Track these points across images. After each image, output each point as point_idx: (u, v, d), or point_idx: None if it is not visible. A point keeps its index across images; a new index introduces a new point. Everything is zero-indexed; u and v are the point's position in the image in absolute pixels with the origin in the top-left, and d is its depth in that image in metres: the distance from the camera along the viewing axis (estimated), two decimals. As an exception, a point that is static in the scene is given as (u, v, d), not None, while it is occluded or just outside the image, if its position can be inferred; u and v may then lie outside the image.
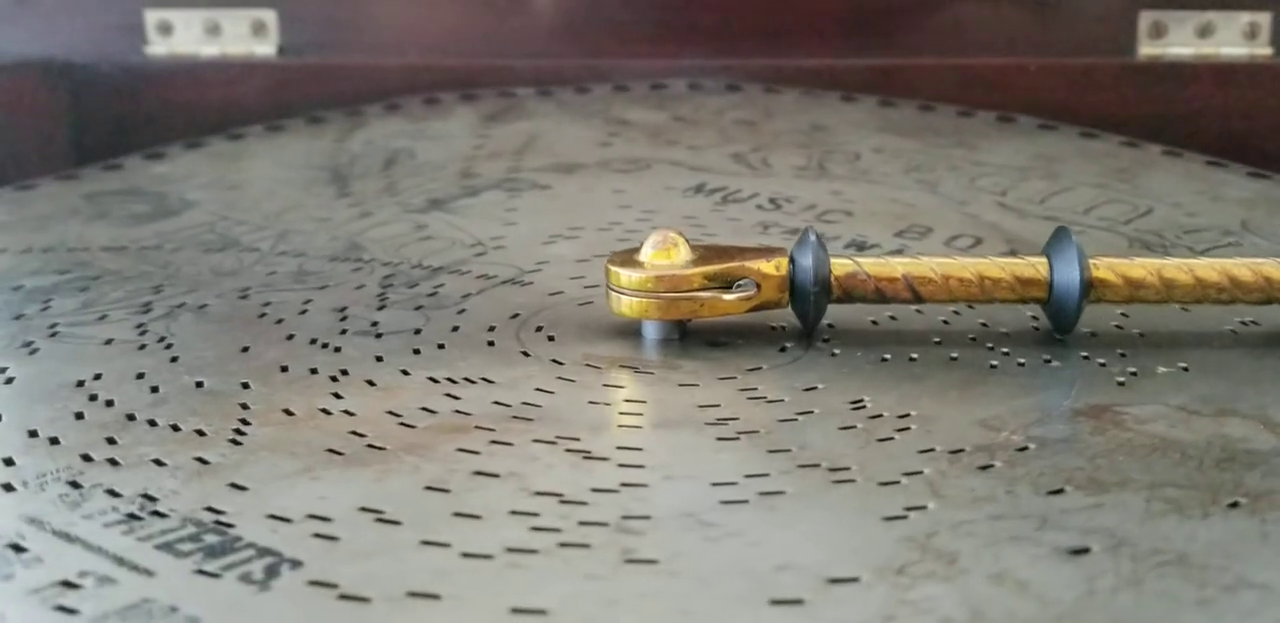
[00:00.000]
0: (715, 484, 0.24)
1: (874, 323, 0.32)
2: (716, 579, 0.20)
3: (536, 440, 0.26)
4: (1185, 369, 0.29)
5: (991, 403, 0.27)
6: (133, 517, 0.24)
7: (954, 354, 0.30)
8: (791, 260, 0.30)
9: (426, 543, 0.22)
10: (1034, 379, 0.28)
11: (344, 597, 0.20)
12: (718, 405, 0.27)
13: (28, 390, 0.30)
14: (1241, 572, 0.20)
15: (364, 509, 0.23)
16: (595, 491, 0.24)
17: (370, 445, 0.26)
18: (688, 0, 0.59)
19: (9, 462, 0.26)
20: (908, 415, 0.26)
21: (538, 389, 0.28)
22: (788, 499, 0.23)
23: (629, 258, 0.30)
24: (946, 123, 0.52)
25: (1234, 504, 0.22)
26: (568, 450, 0.25)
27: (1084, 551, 0.21)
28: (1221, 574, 0.20)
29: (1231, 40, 0.57)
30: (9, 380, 0.31)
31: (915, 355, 0.29)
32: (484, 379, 0.29)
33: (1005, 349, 0.30)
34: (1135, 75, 0.56)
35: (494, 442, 0.26)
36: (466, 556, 0.21)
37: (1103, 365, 0.29)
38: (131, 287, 0.38)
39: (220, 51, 0.59)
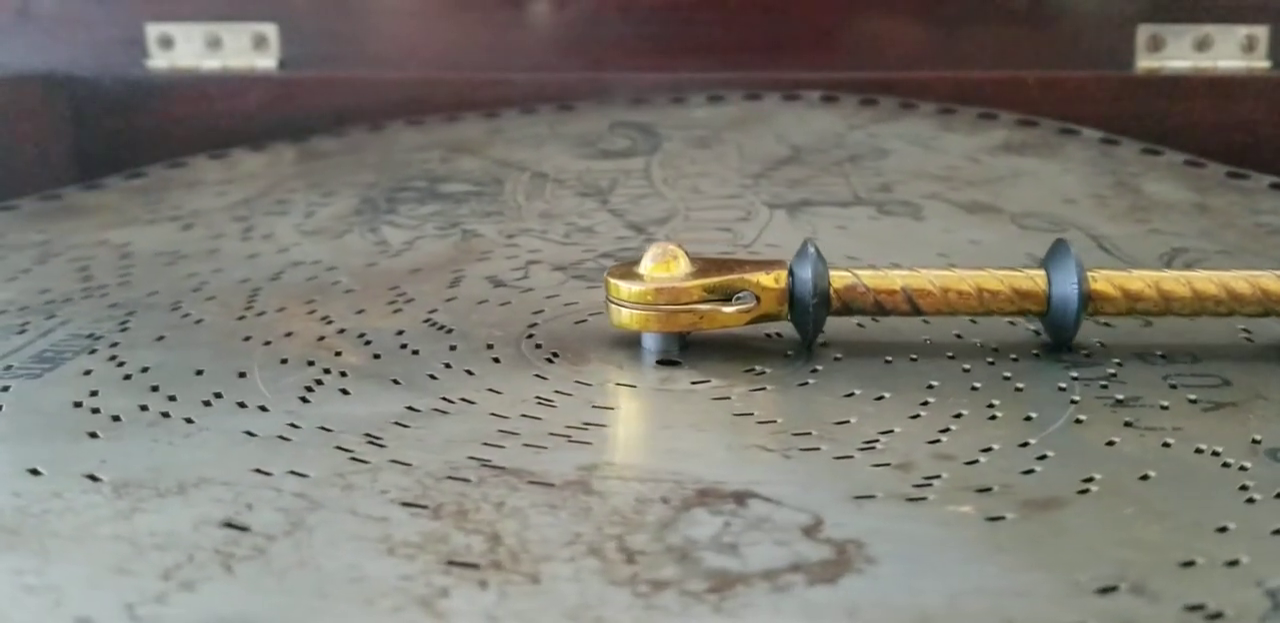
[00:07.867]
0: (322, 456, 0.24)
1: (872, 396, 0.27)
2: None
3: (327, 370, 0.28)
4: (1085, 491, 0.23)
5: (785, 476, 0.23)
6: (78, 338, 0.30)
7: (879, 450, 0.24)
8: (790, 273, 0.29)
9: (92, 393, 0.27)
10: (903, 477, 0.23)
11: None
12: (526, 399, 0.27)
13: (253, 263, 0.36)
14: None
15: (144, 368, 0.28)
16: (259, 407, 0.26)
17: (265, 342, 0.30)
18: (687, 13, 0.59)
19: (114, 306, 0.33)
20: (671, 450, 0.24)
21: (451, 347, 0.30)
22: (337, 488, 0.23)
23: (629, 270, 0.30)
24: None
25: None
26: (327, 381, 0.28)
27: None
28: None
29: (1229, 53, 0.57)
30: (248, 253, 0.37)
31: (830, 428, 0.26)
32: (443, 329, 0.31)
33: (948, 456, 0.24)
34: (1133, 88, 0.56)
35: (308, 361, 0.29)
36: (74, 403, 0.26)
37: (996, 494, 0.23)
38: (456, 208, 0.40)
39: (221, 65, 0.60)
